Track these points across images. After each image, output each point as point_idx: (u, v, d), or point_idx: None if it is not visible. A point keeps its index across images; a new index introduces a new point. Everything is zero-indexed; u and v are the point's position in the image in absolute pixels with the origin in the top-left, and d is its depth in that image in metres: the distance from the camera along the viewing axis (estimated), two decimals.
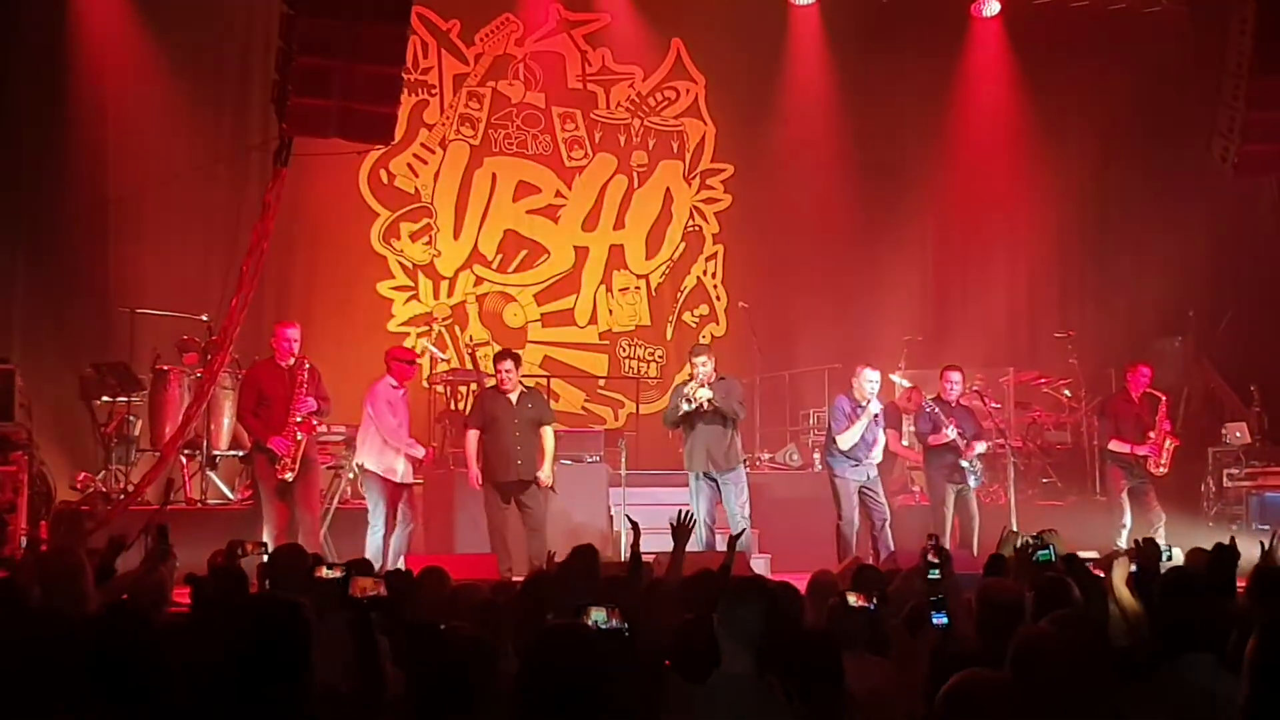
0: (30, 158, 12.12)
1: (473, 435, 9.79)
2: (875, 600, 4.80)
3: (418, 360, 10.56)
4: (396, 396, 9.94)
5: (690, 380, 9.90)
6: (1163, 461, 10.91)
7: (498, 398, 9.81)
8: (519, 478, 9.65)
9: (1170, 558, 6.29)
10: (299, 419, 9.35)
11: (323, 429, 10.21)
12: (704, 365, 9.81)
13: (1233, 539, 6.34)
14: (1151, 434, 10.93)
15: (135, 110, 12.43)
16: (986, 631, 4.71)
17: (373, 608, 4.24)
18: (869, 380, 10.23)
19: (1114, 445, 11.04)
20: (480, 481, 9.68)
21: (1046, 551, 5.85)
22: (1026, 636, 3.83)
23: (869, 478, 10.28)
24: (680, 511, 6.32)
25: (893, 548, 9.82)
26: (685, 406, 9.73)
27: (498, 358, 10.02)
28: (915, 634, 4.97)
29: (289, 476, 9.32)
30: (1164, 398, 11.13)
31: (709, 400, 9.68)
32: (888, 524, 10.22)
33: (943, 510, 10.41)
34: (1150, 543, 6.28)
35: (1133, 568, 5.43)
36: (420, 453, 10.00)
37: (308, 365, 9.53)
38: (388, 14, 9.42)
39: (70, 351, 11.70)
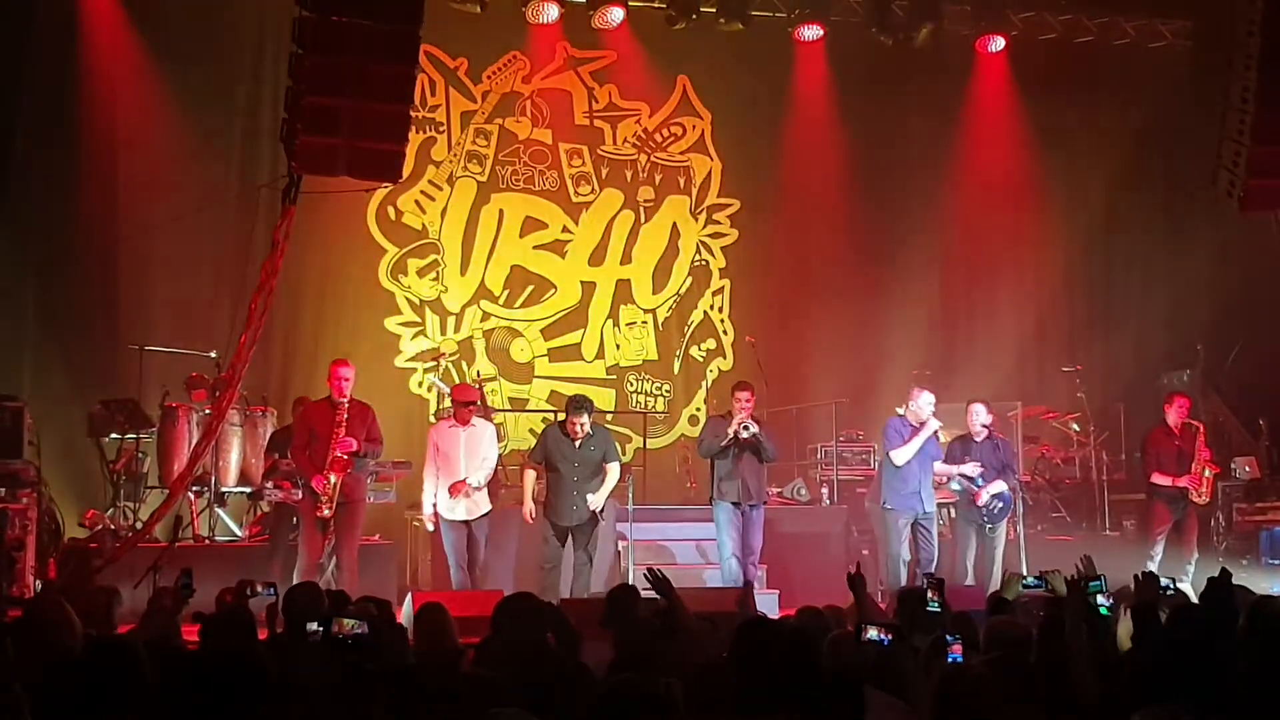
0: (40, 195, 12.19)
1: (530, 474, 9.93)
2: (890, 635, 4.77)
3: (474, 402, 10.44)
4: (444, 436, 9.99)
5: (737, 413, 10.03)
6: (1202, 490, 10.86)
7: (561, 439, 9.88)
8: (576, 523, 9.81)
9: (1171, 591, 6.23)
10: (334, 457, 9.40)
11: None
12: (748, 401, 10.06)
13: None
14: (1195, 465, 10.89)
15: (145, 148, 12.50)
16: (995, 667, 4.68)
17: (355, 647, 4.22)
18: (927, 402, 10.33)
19: (1156, 479, 10.95)
20: (534, 517, 9.81)
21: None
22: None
23: (923, 512, 10.26)
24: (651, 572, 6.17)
25: None
26: (743, 434, 9.90)
27: (575, 408, 9.83)
28: (930, 666, 4.91)
29: (326, 513, 9.38)
30: (1201, 426, 11.09)
31: (755, 434, 9.90)
32: (934, 564, 10.16)
33: (963, 547, 10.42)
34: (1150, 576, 6.22)
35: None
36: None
37: (347, 404, 9.57)
38: (396, 53, 9.46)
39: (79, 388, 11.72)
